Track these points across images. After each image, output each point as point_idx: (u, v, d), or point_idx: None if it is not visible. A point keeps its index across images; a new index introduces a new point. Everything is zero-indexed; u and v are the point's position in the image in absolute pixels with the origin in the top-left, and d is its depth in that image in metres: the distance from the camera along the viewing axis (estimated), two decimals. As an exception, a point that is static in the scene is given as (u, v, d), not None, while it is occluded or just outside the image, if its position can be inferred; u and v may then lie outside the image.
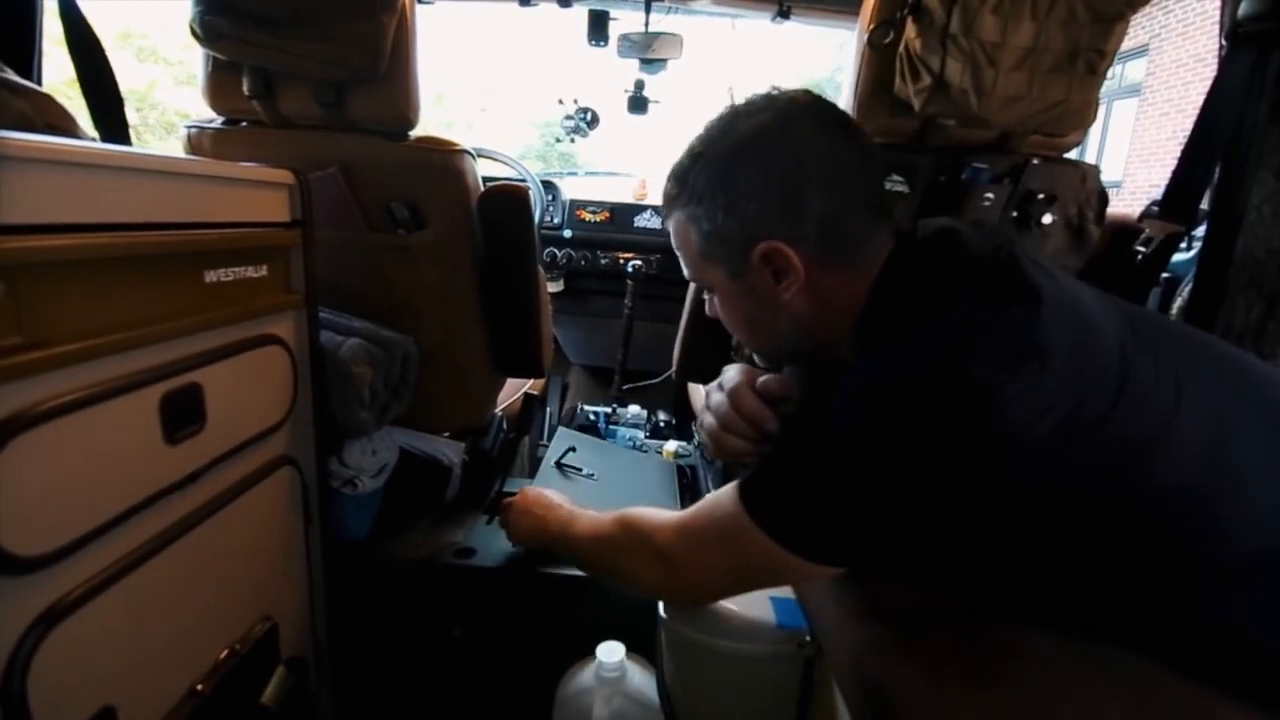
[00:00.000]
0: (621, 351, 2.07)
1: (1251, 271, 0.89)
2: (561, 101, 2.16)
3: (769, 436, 0.68)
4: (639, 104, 1.99)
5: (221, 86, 0.93)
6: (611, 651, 0.83)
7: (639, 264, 1.99)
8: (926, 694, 0.52)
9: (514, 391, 1.51)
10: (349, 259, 1.01)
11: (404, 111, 0.94)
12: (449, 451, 1.15)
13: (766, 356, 0.75)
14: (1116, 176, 6.83)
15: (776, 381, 0.69)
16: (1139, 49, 6.74)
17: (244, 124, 0.98)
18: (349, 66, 0.88)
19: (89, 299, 0.52)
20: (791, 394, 0.68)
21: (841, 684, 0.64)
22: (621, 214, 2.07)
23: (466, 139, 1.04)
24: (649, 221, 2.06)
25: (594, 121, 2.17)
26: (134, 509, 0.56)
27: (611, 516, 0.74)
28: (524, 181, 1.90)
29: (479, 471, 1.27)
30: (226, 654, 0.71)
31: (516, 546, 1.02)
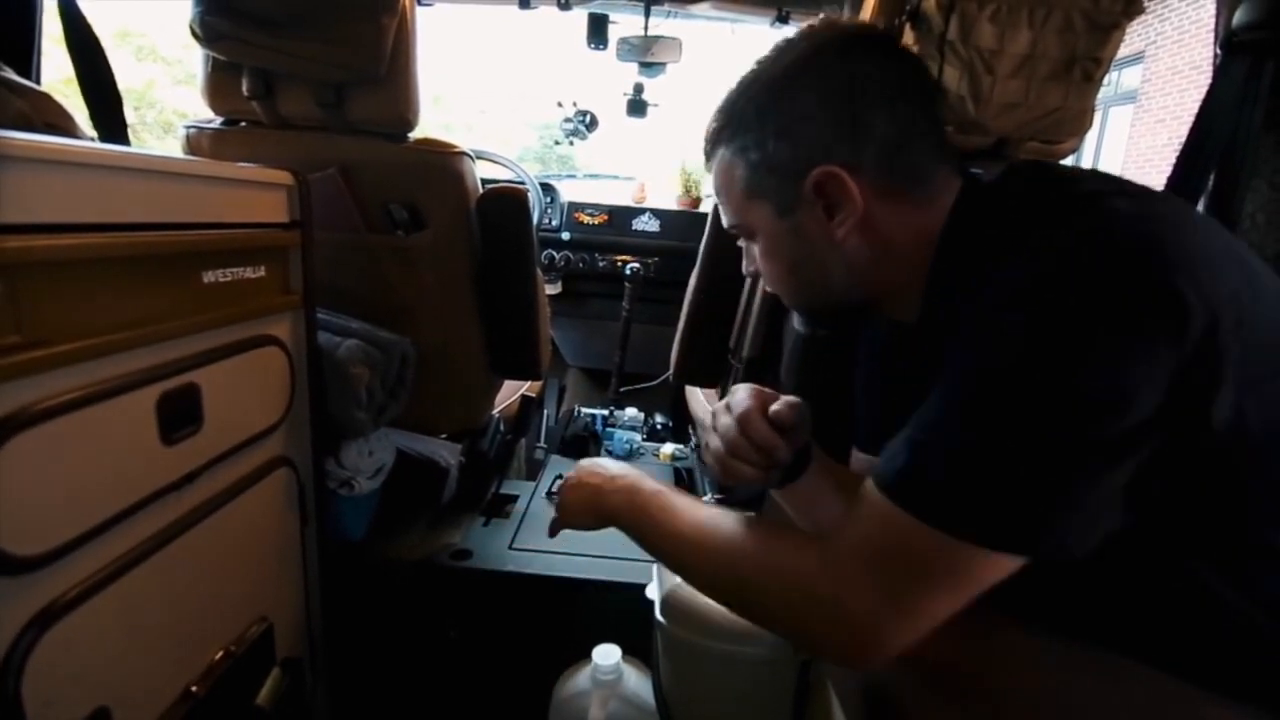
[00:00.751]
0: (619, 354, 2.07)
1: (1246, 278, 0.90)
2: (560, 104, 2.17)
3: (779, 464, 0.64)
4: (638, 107, 2.00)
5: (221, 87, 0.93)
6: (607, 654, 0.83)
7: (637, 266, 1.99)
8: (923, 697, 0.52)
9: (511, 393, 1.51)
10: (347, 260, 1.01)
11: (403, 113, 0.94)
12: (446, 453, 1.15)
13: (810, 312, 0.66)
14: (1112, 183, 6.83)
15: (788, 409, 0.63)
16: (1135, 56, 6.78)
17: (243, 124, 0.98)
18: (349, 68, 0.88)
19: (87, 299, 0.51)
20: (804, 422, 0.64)
21: (837, 687, 0.65)
22: (620, 216, 2.07)
23: (465, 141, 1.04)
24: (647, 224, 2.07)
25: (593, 124, 2.18)
26: (130, 509, 0.56)
27: (722, 526, 0.57)
28: (522, 184, 1.90)
29: (476, 473, 1.28)
30: (222, 655, 0.70)
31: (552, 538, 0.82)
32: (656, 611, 0.73)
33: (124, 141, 0.87)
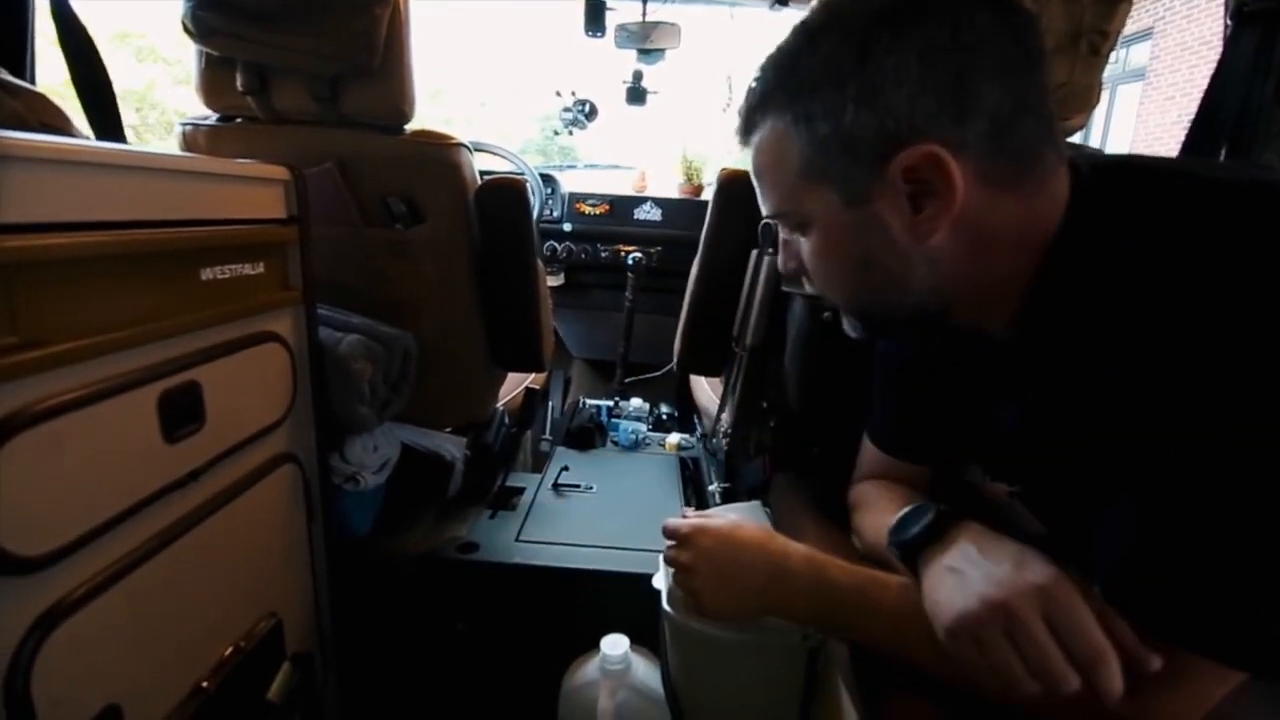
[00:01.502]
0: (623, 344, 2.07)
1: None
2: (559, 94, 2.15)
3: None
4: (637, 95, 1.98)
5: (215, 83, 0.93)
6: (615, 644, 0.83)
7: (639, 256, 1.98)
8: (930, 686, 0.52)
9: (515, 386, 1.51)
10: (346, 255, 1.01)
11: (399, 105, 0.93)
12: (451, 447, 1.15)
13: (872, 319, 0.54)
14: (1121, 162, 6.75)
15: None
16: (1143, 32, 6.66)
17: (239, 120, 0.98)
18: (343, 60, 0.87)
19: (85, 298, 0.51)
20: None
21: (845, 676, 0.64)
22: (621, 206, 2.06)
23: (466, 134, 1.03)
24: (649, 214, 2.06)
25: (592, 114, 2.16)
26: (134, 508, 0.56)
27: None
28: (522, 175, 1.89)
29: (481, 466, 1.28)
30: (231, 651, 0.71)
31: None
32: (663, 601, 0.73)
33: (120, 140, 0.87)
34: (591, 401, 1.97)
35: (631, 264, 1.98)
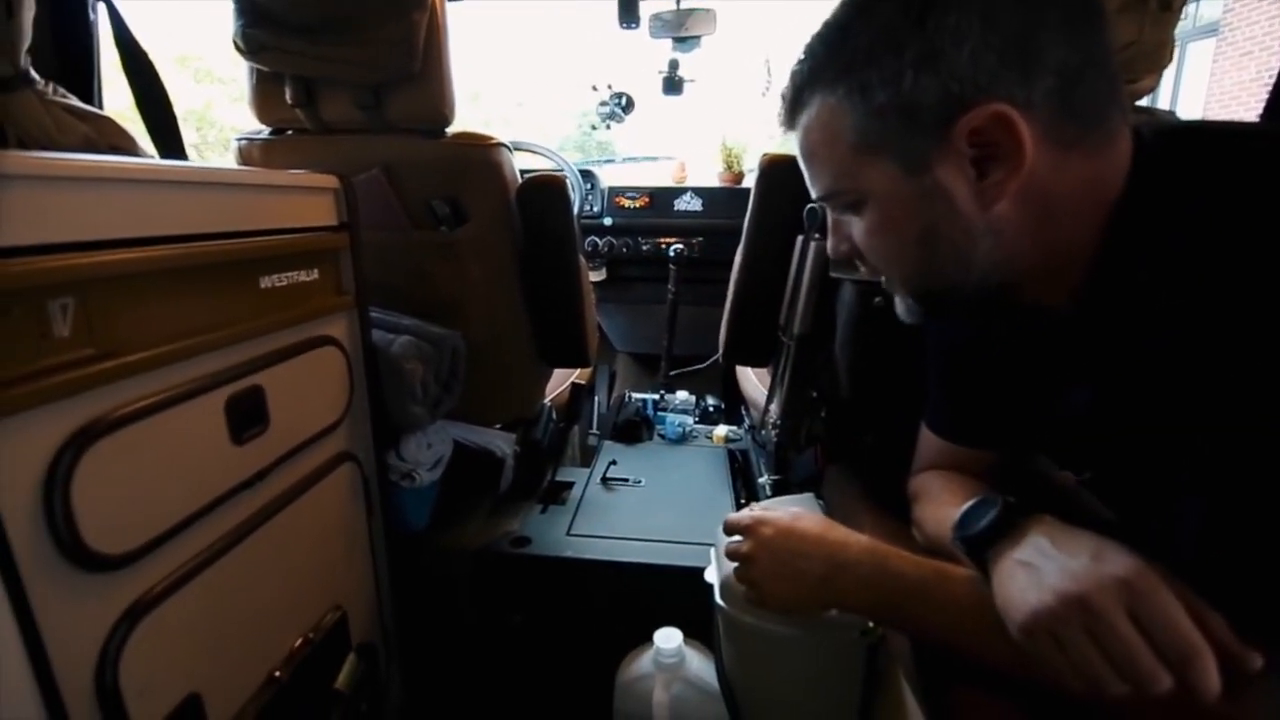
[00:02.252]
0: (667, 337, 2.06)
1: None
2: (595, 88, 2.15)
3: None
4: (674, 85, 1.96)
5: (267, 98, 0.96)
6: (669, 638, 0.83)
7: (681, 248, 1.97)
8: (998, 680, 0.50)
9: (562, 382, 1.53)
10: (395, 258, 1.03)
11: (440, 108, 0.94)
12: (501, 443, 1.17)
13: (932, 298, 0.52)
14: (1193, 125, 6.32)
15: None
16: (1215, -17, 6.20)
17: (289, 133, 1.01)
18: (384, 67, 0.89)
19: (154, 309, 0.54)
20: None
21: (908, 671, 0.62)
22: (661, 198, 2.04)
23: (504, 135, 1.04)
24: (689, 204, 2.03)
25: (629, 106, 2.15)
26: (208, 507, 0.59)
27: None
28: (561, 172, 1.90)
29: (531, 461, 1.29)
30: (301, 642, 0.74)
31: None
32: (716, 595, 0.72)
33: (182, 157, 0.91)
34: (637, 395, 1.97)
35: (673, 256, 1.96)
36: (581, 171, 2.03)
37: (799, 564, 0.58)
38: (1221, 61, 6.28)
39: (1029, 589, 0.42)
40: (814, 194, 0.52)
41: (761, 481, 1.29)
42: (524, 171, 1.08)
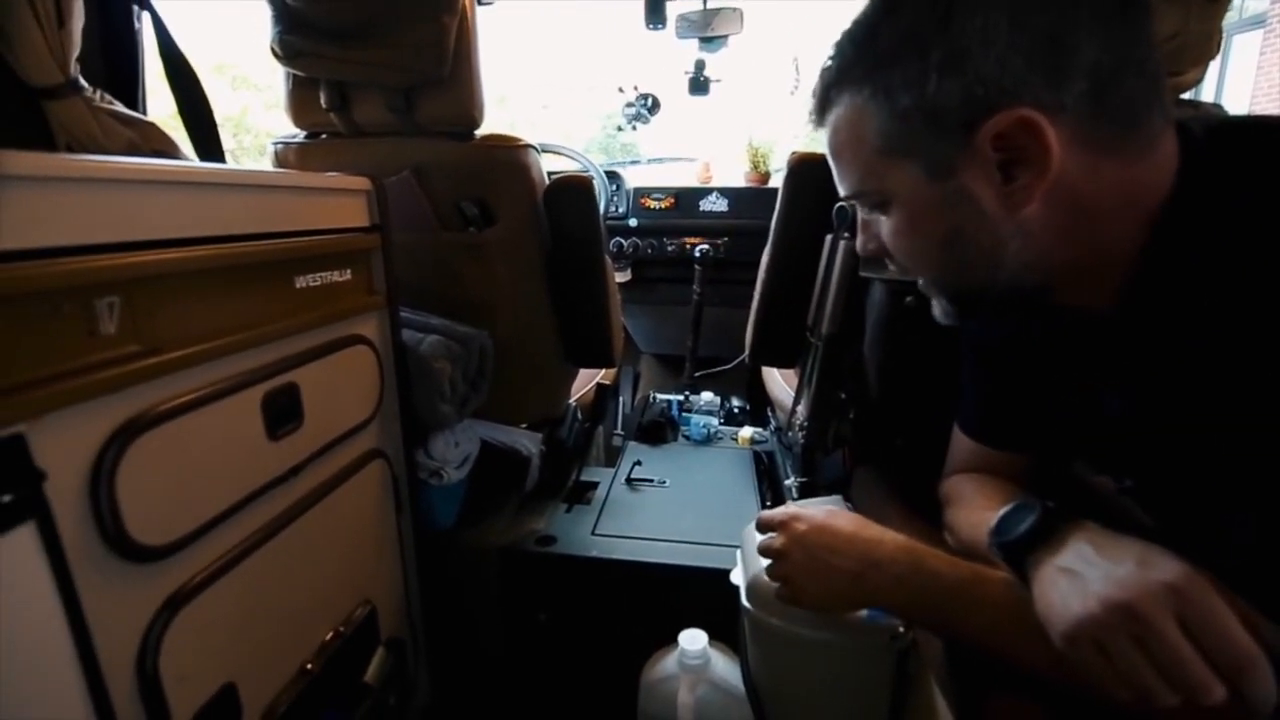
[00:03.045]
0: (692, 338, 2.05)
1: None
2: (621, 90, 2.16)
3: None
4: (700, 85, 1.96)
5: (302, 103, 0.99)
6: (694, 639, 0.83)
7: (706, 248, 1.96)
8: (1034, 685, 0.48)
9: (587, 382, 1.53)
10: (424, 259, 1.05)
11: (469, 111, 0.96)
12: (527, 442, 1.18)
13: (963, 299, 0.51)
14: (1239, 119, 6.09)
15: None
16: (1263, -28, 5.97)
17: (324, 136, 1.03)
18: (414, 70, 0.90)
19: (195, 307, 0.55)
20: None
21: (940, 677, 0.61)
22: (686, 199, 2.04)
23: (531, 137, 1.05)
24: (715, 204, 2.03)
25: (655, 107, 2.15)
26: (244, 501, 0.60)
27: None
28: (588, 173, 1.91)
29: (557, 461, 1.30)
30: (332, 635, 0.75)
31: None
32: (742, 597, 0.71)
33: (221, 161, 0.94)
34: (661, 396, 1.97)
35: (699, 256, 1.96)
36: (607, 173, 2.04)
37: (833, 560, 0.57)
38: (1269, 54, 6.03)
39: (1072, 596, 0.41)
40: (841, 192, 0.52)
41: (788, 484, 1.28)
42: (551, 173, 1.09)
